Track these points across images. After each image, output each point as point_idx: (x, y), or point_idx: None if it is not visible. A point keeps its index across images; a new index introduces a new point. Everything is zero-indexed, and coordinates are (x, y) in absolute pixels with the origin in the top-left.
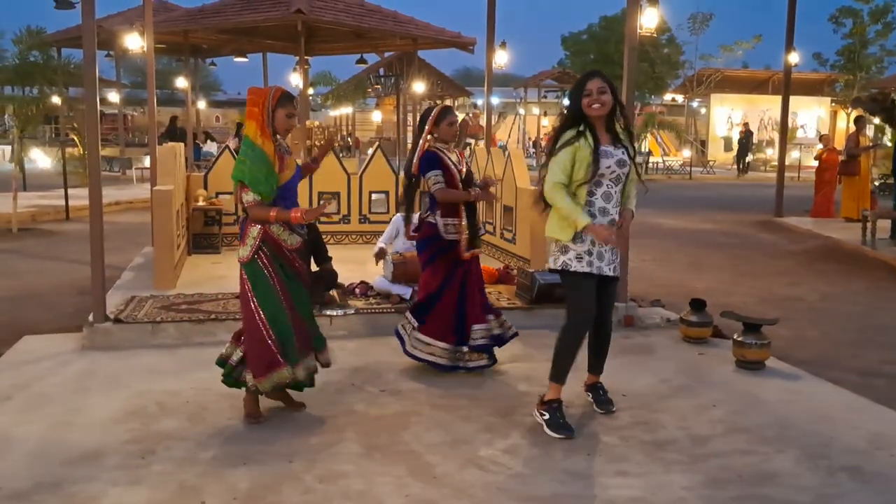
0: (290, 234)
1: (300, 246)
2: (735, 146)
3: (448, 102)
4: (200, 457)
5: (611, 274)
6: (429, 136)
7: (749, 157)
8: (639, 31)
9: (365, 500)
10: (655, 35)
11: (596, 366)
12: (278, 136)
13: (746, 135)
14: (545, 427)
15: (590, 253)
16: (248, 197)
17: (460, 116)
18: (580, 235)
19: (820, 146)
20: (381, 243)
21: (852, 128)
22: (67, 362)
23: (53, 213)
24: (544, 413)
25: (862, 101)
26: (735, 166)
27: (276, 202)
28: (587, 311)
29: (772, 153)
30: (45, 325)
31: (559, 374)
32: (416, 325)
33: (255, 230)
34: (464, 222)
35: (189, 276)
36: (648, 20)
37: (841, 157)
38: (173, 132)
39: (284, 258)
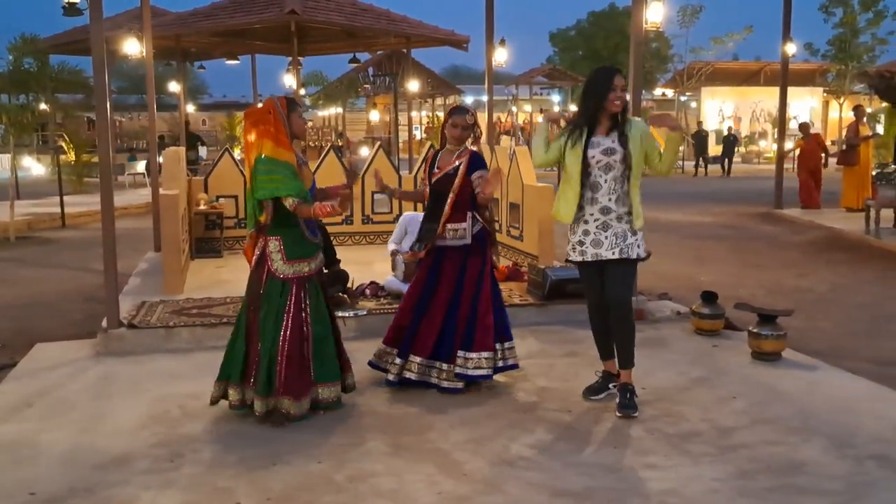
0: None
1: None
2: (721, 145)
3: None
4: (229, 459)
5: (613, 257)
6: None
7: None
8: (644, 25)
9: (398, 498)
10: (662, 29)
11: (617, 357)
12: (295, 144)
13: (732, 136)
14: None
15: (581, 243)
16: (290, 201)
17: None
18: (572, 227)
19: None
20: (391, 245)
21: (846, 118)
22: (84, 368)
23: (49, 220)
24: None
25: (870, 75)
26: (694, 165)
27: (290, 215)
28: (588, 297)
29: (765, 145)
30: (56, 332)
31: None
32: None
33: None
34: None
35: (195, 280)
36: (654, 14)
37: (841, 147)
38: (188, 137)
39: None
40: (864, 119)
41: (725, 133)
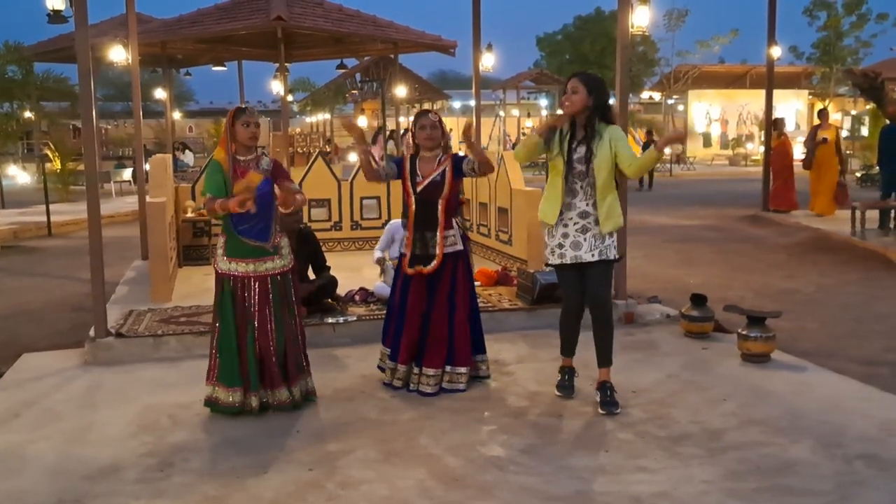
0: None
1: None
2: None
3: (427, 106)
4: (220, 467)
5: (592, 259)
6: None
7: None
8: (630, 29)
9: None
10: (648, 33)
11: (598, 356)
12: (257, 150)
13: (649, 144)
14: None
15: (561, 245)
16: (204, 198)
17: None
18: (550, 231)
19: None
20: (378, 252)
21: (832, 120)
22: (72, 378)
23: (35, 229)
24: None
25: (854, 73)
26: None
27: (241, 216)
28: (566, 297)
29: (752, 147)
30: (43, 342)
31: (561, 348)
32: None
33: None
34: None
35: (183, 288)
36: (640, 18)
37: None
38: None
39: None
40: (827, 123)
41: (645, 139)
